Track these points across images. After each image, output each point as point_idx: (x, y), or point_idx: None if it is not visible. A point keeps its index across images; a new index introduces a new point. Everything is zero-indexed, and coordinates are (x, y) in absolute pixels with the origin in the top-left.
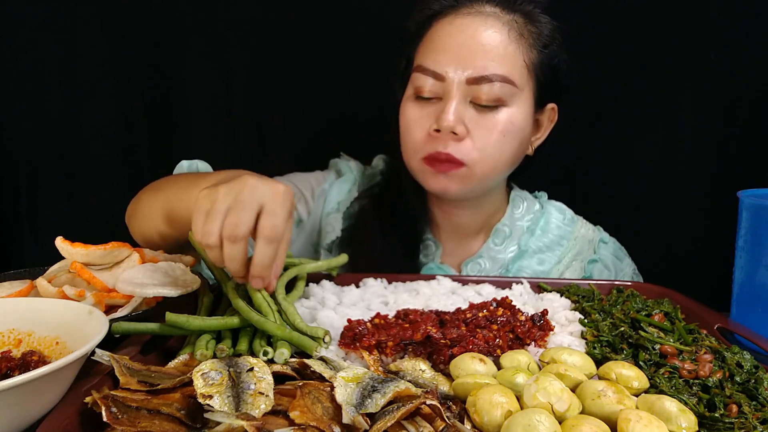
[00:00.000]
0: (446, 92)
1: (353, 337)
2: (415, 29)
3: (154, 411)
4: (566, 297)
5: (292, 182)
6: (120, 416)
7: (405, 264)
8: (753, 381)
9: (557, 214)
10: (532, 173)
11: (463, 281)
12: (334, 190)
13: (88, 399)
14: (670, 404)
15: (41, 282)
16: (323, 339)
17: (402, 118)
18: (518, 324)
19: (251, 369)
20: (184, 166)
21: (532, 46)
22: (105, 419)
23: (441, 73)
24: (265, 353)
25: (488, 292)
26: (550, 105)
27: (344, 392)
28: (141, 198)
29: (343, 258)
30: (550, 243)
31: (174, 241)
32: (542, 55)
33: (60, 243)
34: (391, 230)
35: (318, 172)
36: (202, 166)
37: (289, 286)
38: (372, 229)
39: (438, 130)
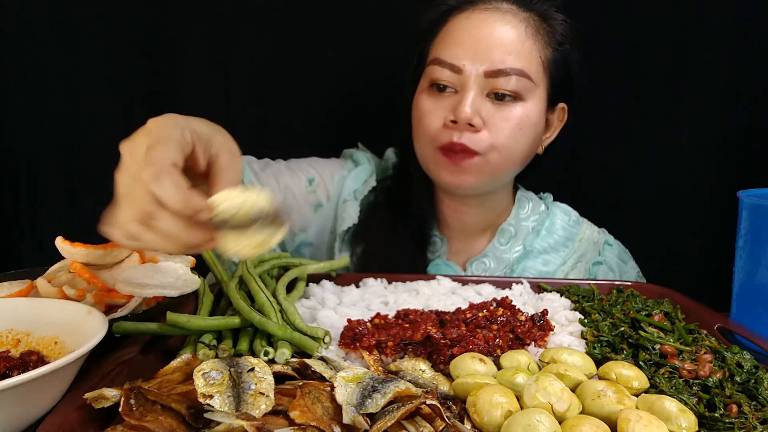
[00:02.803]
0: (463, 85)
1: (353, 337)
2: (430, 24)
3: (167, 407)
4: (566, 297)
5: (313, 166)
6: (135, 408)
7: (415, 259)
8: (753, 381)
9: (562, 215)
10: (535, 174)
11: (463, 281)
12: (351, 178)
13: (87, 395)
14: (670, 404)
15: (41, 282)
16: (323, 339)
17: (416, 110)
18: (518, 324)
19: (252, 369)
20: None
21: (547, 44)
22: (120, 410)
23: (458, 65)
24: (266, 353)
25: (488, 292)
26: (561, 105)
27: (344, 392)
28: None
29: (345, 260)
30: (555, 244)
31: None
32: (557, 53)
33: (60, 243)
34: (402, 225)
35: (336, 160)
36: None
37: (290, 287)
38: (384, 223)
39: (454, 122)
